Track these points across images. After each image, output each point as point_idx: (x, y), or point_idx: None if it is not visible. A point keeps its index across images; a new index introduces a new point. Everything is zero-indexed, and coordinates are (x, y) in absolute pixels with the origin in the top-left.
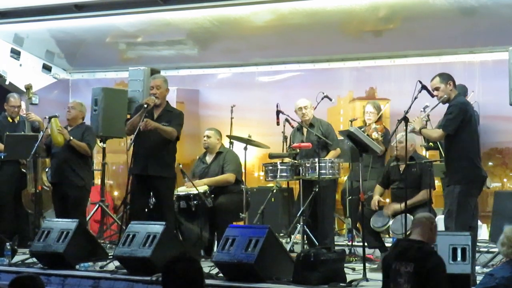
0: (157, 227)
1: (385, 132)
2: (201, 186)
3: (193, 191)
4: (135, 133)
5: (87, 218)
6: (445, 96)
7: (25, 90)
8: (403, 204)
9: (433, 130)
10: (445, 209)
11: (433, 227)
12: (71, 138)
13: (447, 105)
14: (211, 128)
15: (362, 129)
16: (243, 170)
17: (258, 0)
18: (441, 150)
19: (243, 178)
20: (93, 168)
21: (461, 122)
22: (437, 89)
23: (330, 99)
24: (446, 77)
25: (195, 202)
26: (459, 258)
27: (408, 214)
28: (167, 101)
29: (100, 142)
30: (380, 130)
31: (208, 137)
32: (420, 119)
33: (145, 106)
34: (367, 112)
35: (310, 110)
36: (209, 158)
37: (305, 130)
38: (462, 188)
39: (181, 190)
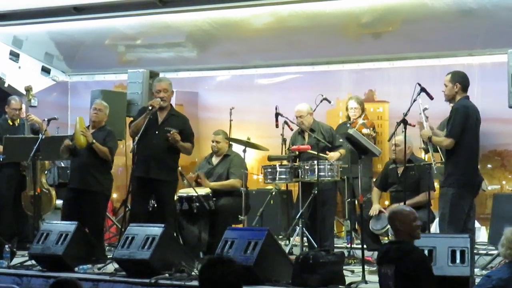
0: (156, 230)
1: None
2: (203, 189)
3: (194, 193)
4: (139, 135)
5: None
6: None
7: (24, 92)
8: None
9: (442, 138)
10: (439, 211)
11: (403, 221)
12: (94, 141)
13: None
14: (218, 132)
15: (347, 125)
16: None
17: (257, 3)
18: (441, 153)
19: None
20: None
21: (464, 126)
22: (445, 85)
23: (329, 102)
24: (456, 79)
25: (197, 204)
26: (458, 261)
27: None
28: (171, 105)
29: None
30: (369, 125)
31: (218, 142)
32: (426, 130)
33: (150, 108)
34: (351, 108)
35: (308, 117)
36: (215, 160)
37: (306, 134)
38: (455, 191)
39: (182, 192)
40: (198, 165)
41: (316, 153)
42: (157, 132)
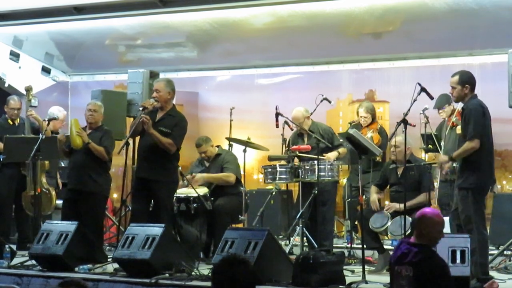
0: (156, 230)
1: (382, 136)
2: (201, 189)
3: (193, 193)
4: (128, 136)
5: None
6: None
7: (25, 92)
8: (402, 205)
9: (466, 145)
10: (461, 214)
11: (430, 227)
12: (90, 141)
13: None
14: (199, 143)
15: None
16: (242, 173)
17: (257, 3)
18: (440, 153)
19: (242, 181)
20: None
21: (484, 125)
22: (452, 88)
23: (330, 102)
24: (465, 80)
25: (194, 205)
26: (458, 261)
27: (407, 216)
28: (173, 105)
29: None
30: (376, 142)
31: (204, 152)
32: (441, 156)
33: (140, 108)
34: (361, 117)
35: (305, 121)
36: (207, 161)
37: (305, 136)
38: (475, 192)
39: (180, 193)
40: (190, 167)
41: (312, 156)
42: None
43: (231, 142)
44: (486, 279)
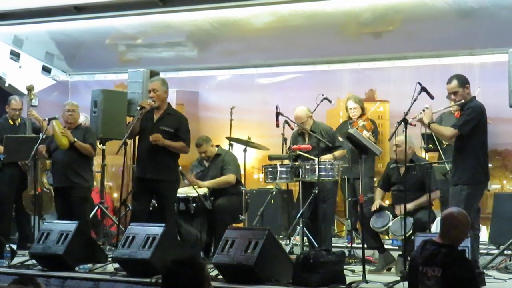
0: (156, 229)
1: (374, 128)
2: (201, 189)
3: (193, 193)
4: (125, 136)
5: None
6: (463, 100)
7: (26, 92)
8: (408, 205)
9: (445, 127)
10: None
11: (459, 229)
12: (75, 139)
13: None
14: (199, 143)
15: (348, 124)
16: (243, 172)
17: (257, 2)
18: (441, 152)
19: (243, 180)
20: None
21: (476, 125)
22: (455, 93)
23: (330, 101)
24: (463, 81)
25: (194, 204)
26: None
27: (408, 216)
28: (168, 103)
29: (100, 144)
30: (369, 128)
31: (204, 152)
32: (431, 111)
33: (138, 108)
34: (350, 108)
35: (308, 120)
36: (207, 162)
37: (306, 136)
38: (468, 190)
39: (180, 192)
40: (190, 167)
41: (309, 156)
42: (152, 132)
43: (231, 142)
44: (478, 274)
